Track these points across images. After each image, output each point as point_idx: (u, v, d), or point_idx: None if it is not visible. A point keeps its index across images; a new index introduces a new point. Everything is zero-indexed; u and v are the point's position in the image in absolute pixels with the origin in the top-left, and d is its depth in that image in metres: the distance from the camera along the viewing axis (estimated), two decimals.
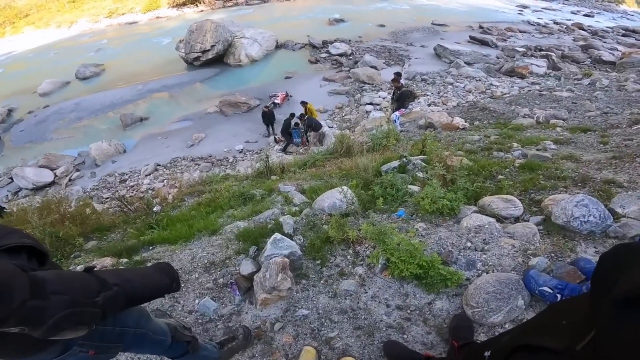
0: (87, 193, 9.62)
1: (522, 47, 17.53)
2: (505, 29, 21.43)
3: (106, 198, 8.90)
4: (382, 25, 22.78)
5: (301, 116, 10.00)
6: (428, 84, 13.50)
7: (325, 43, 19.16)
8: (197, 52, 17.61)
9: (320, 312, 1.77)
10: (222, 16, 25.23)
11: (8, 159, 13.05)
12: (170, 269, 1.04)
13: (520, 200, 2.39)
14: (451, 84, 13.21)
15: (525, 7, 29.47)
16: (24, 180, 10.97)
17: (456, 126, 6.54)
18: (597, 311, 0.47)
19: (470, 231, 2.04)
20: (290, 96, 13.81)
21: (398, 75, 7.18)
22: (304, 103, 10.59)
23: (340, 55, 17.50)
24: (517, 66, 14.18)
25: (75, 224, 3.70)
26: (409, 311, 1.71)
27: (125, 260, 2.60)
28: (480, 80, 13.39)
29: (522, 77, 13.58)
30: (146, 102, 15.66)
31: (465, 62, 15.19)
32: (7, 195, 10.63)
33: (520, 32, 21.15)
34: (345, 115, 11.97)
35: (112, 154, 11.74)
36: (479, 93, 11.95)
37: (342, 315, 1.74)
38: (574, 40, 19.48)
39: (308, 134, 9.99)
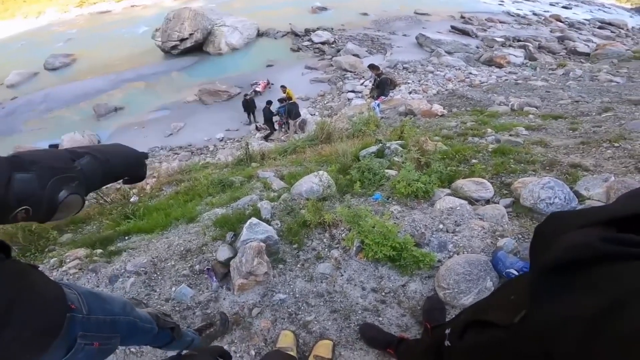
0: None
1: (501, 37, 17.81)
2: (485, 20, 21.69)
3: None
4: (365, 14, 22.59)
5: (282, 100, 9.90)
6: (409, 72, 13.58)
7: (307, 31, 18.87)
8: (174, 41, 17.02)
9: (297, 296, 1.78)
10: (201, 4, 24.37)
11: None
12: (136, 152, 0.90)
13: (491, 183, 2.46)
14: (432, 72, 13.35)
15: None
16: None
17: (435, 113, 6.63)
18: (529, 283, 0.47)
19: (443, 213, 2.09)
20: (272, 84, 13.64)
21: (373, 66, 7.32)
22: (283, 87, 10.53)
23: (323, 43, 17.31)
24: (496, 56, 14.45)
25: None
26: (383, 293, 1.74)
27: (99, 250, 2.54)
28: (460, 69, 13.57)
29: (500, 66, 13.86)
30: (121, 92, 15.12)
31: (446, 52, 15.33)
32: None
33: (500, 22, 21.44)
34: (327, 102, 11.95)
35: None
36: (459, 82, 12.13)
37: (319, 298, 1.76)
38: (551, 31, 19.90)
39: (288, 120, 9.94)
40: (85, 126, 12.53)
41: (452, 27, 19.36)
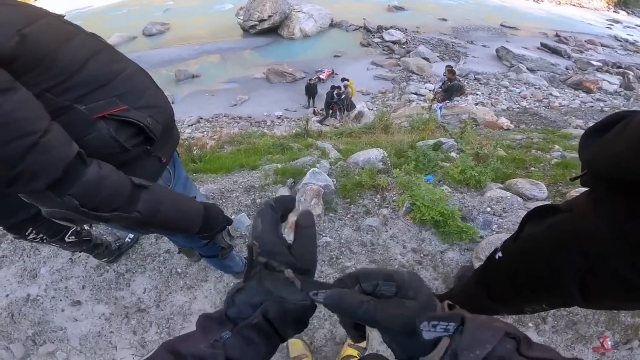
0: None
1: (598, 61, 16.22)
2: (585, 41, 19.83)
3: None
4: (444, 19, 21.88)
5: (336, 89, 10.13)
6: (481, 83, 13.05)
7: (380, 28, 18.81)
8: (254, 21, 17.98)
9: (342, 241, 1.98)
10: None
11: None
12: (213, 213, 1.02)
13: (547, 189, 2.44)
14: (506, 87, 12.69)
15: (616, 21, 26.87)
16: None
17: (500, 125, 6.39)
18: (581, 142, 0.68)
19: (492, 200, 2.16)
20: (336, 74, 13.91)
21: (451, 69, 7.18)
22: (345, 80, 10.74)
23: (394, 42, 17.15)
24: (586, 80, 13.27)
25: None
26: (422, 255, 1.88)
27: None
28: (539, 88, 12.73)
29: (588, 91, 12.72)
30: (199, 62, 16.37)
31: (527, 68, 14.42)
32: None
33: (602, 46, 19.48)
34: (387, 100, 11.95)
35: None
36: (535, 101, 11.42)
37: (362, 247, 1.94)
38: None
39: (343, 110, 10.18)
40: (164, 88, 13.19)
41: (542, 44, 18.07)
